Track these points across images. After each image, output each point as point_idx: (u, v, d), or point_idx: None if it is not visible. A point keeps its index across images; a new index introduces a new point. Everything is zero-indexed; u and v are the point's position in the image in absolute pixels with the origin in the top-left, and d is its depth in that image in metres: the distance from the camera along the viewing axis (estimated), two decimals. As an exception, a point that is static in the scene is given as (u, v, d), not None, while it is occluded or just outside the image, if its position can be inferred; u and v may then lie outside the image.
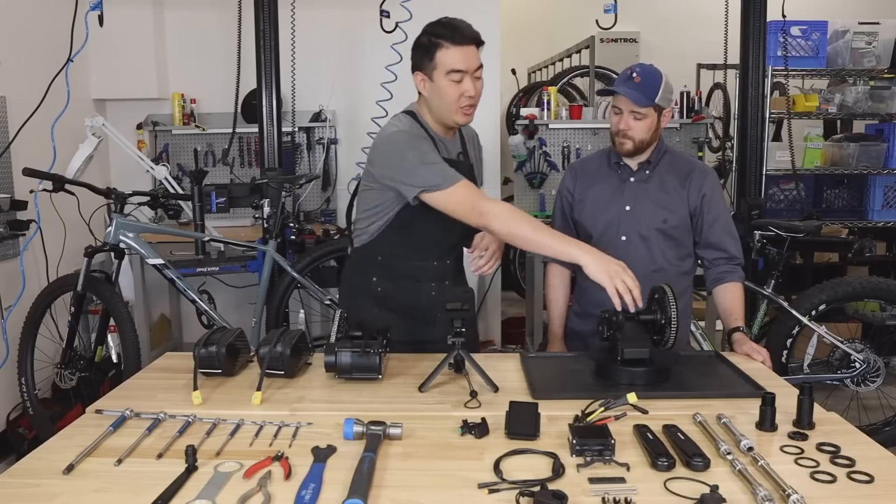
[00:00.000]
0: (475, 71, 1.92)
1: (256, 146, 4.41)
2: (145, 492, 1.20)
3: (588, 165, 2.36)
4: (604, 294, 1.72)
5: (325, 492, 1.21)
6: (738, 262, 2.23)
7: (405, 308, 2.04)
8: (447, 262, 2.10)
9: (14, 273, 3.53)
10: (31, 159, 3.33)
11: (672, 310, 1.74)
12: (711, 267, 2.23)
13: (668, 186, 2.22)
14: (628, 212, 2.22)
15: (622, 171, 2.25)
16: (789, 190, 4.40)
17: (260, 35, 3.49)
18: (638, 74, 2.11)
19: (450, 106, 1.92)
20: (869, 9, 5.36)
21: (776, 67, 4.10)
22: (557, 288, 2.39)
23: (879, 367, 3.12)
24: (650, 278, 2.07)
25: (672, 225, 2.20)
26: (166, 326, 4.50)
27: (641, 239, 2.21)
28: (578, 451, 1.31)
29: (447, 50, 1.88)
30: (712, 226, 2.22)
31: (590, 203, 2.28)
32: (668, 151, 2.27)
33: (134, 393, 1.71)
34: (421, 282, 2.08)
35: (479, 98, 1.97)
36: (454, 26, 1.91)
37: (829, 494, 1.21)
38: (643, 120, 2.13)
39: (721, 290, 2.20)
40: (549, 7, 7.13)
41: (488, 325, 4.79)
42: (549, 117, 4.71)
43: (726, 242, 2.22)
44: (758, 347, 2.00)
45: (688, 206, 2.21)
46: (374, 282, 2.11)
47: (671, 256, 2.23)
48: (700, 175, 2.24)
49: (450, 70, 1.89)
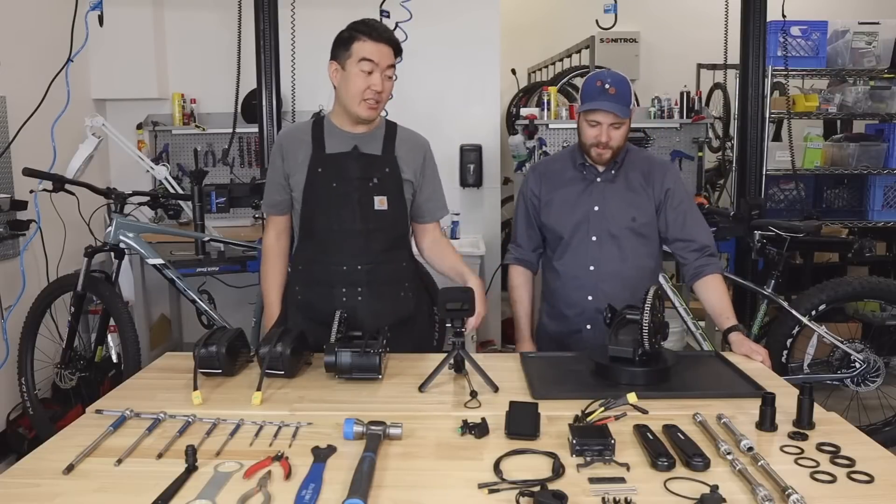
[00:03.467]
0: (386, 69, 1.97)
1: (256, 146, 4.41)
2: (145, 492, 1.20)
3: (553, 167, 2.35)
4: (576, 294, 1.75)
5: (325, 492, 1.21)
6: (710, 251, 2.21)
7: (323, 315, 1.95)
8: (358, 268, 2.03)
9: (14, 273, 3.53)
10: (31, 159, 3.32)
11: (650, 313, 1.71)
12: (686, 262, 2.22)
13: (634, 184, 2.22)
14: (597, 212, 2.22)
15: (588, 171, 2.25)
16: (789, 190, 4.40)
17: (260, 35, 3.49)
18: (611, 85, 2.10)
19: (355, 96, 1.96)
20: (869, 9, 5.35)
21: (776, 67, 4.10)
22: (522, 288, 2.40)
23: (879, 367, 3.11)
24: (622, 277, 2.14)
25: (642, 223, 2.21)
26: (166, 326, 4.49)
27: (612, 238, 2.21)
28: (578, 451, 1.31)
29: (363, 42, 1.95)
30: (678, 218, 2.22)
31: (556, 205, 2.27)
32: (629, 150, 2.27)
33: (134, 393, 1.71)
34: (334, 287, 2.05)
35: (386, 98, 2.02)
36: (373, 25, 1.99)
37: (829, 494, 1.21)
38: (621, 128, 2.15)
39: (703, 287, 2.18)
40: (549, 7, 7.13)
41: (488, 325, 4.79)
42: (549, 117, 4.70)
43: (695, 233, 2.21)
44: (756, 347, 1.99)
45: (654, 202, 2.21)
46: (296, 290, 2.15)
47: (641, 254, 2.23)
48: (661, 170, 2.24)
49: (362, 58, 1.94)
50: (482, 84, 4.58)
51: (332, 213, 2.02)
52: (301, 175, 2.04)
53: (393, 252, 2.09)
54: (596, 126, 2.14)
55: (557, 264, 2.28)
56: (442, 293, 1.78)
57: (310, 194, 2.04)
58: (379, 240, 2.05)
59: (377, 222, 2.03)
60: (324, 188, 2.02)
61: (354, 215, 2.02)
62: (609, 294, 2.12)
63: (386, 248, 2.07)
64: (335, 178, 2.02)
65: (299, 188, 2.05)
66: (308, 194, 2.04)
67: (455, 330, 1.74)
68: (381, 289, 2.07)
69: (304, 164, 2.04)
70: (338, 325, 1.87)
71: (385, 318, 2.01)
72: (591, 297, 2.21)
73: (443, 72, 4.48)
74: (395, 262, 2.10)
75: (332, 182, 2.02)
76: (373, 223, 2.03)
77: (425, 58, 4.00)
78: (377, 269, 2.05)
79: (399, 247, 2.12)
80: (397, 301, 2.10)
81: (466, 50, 4.51)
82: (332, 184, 2.02)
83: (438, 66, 4.45)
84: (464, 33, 4.49)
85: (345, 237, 2.03)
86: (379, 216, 2.03)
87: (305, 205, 2.05)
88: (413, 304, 2.14)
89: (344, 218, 2.02)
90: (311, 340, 1.91)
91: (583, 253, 2.23)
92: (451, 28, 4.45)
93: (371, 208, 2.02)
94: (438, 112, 4.44)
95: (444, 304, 1.74)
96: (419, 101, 4.16)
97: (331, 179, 2.02)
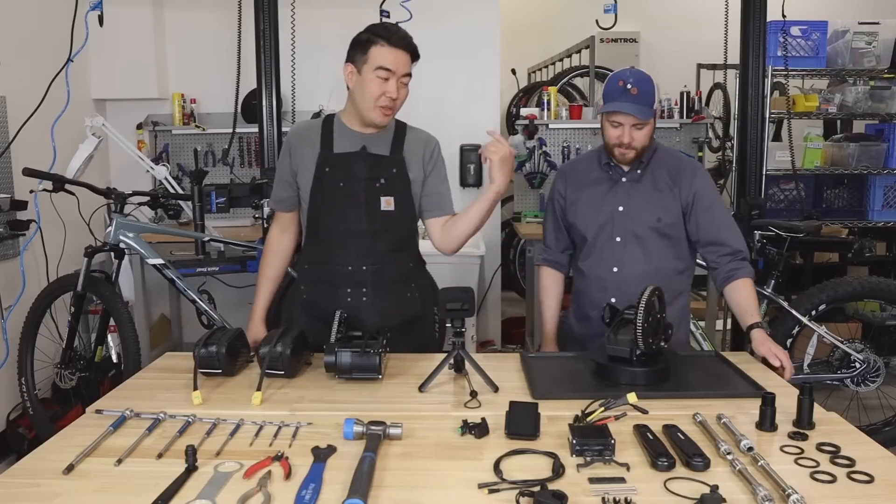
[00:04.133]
0: (403, 76, 1.96)
1: (256, 146, 4.41)
2: (145, 492, 1.20)
3: (578, 167, 2.32)
4: (599, 295, 1.72)
5: (325, 492, 1.21)
6: (742, 255, 2.14)
7: (328, 315, 1.95)
8: (363, 269, 2.03)
9: (14, 273, 3.53)
10: (31, 159, 3.32)
11: (644, 312, 1.70)
12: (717, 266, 2.15)
13: (661, 184, 2.18)
14: (622, 212, 2.18)
15: (613, 171, 2.22)
16: (789, 190, 4.40)
17: (260, 35, 3.49)
18: (633, 86, 2.05)
19: (370, 102, 1.95)
20: (869, 9, 5.35)
21: (776, 67, 4.10)
22: (550, 289, 2.37)
23: (879, 367, 3.11)
24: (646, 278, 2.04)
25: (667, 223, 2.16)
26: (166, 326, 4.49)
27: (636, 239, 2.17)
28: (578, 451, 1.31)
29: (381, 48, 1.93)
30: (708, 222, 2.15)
31: (582, 205, 2.24)
32: (657, 149, 2.23)
33: (134, 393, 1.71)
34: (338, 287, 2.05)
35: (401, 104, 2.01)
36: (394, 31, 1.97)
37: (829, 494, 1.21)
38: (644, 128, 2.10)
39: (732, 289, 2.11)
40: (549, 7, 7.13)
41: (488, 325, 4.79)
42: (549, 117, 4.71)
43: (726, 237, 2.14)
44: (777, 349, 1.90)
45: (680, 204, 2.17)
46: (301, 289, 2.15)
47: (667, 256, 2.19)
48: (690, 171, 2.19)
49: (378, 66, 1.92)
50: (482, 84, 4.58)
51: (339, 213, 2.02)
52: (308, 173, 2.04)
53: (398, 253, 2.09)
54: (618, 127, 2.10)
55: (582, 265, 2.25)
56: (442, 293, 1.78)
57: (316, 193, 2.04)
58: (385, 240, 2.04)
59: (383, 223, 2.03)
60: (331, 187, 2.02)
61: (360, 215, 2.01)
62: (632, 296, 2.02)
63: (391, 249, 2.06)
64: (342, 177, 2.02)
65: (306, 187, 2.05)
66: (315, 193, 2.04)
67: (455, 330, 1.74)
68: (387, 289, 2.07)
69: (312, 163, 2.04)
70: (338, 325, 1.87)
71: (391, 318, 2.01)
72: (615, 298, 2.12)
73: (443, 72, 4.47)
74: (400, 262, 2.10)
75: (339, 182, 2.02)
76: (379, 224, 2.02)
77: (425, 58, 3.91)
78: (382, 269, 2.05)
79: (405, 248, 2.11)
80: (403, 301, 2.09)
81: (466, 50, 4.51)
82: (339, 183, 2.02)
83: (438, 66, 4.44)
84: (464, 33, 4.49)
85: (350, 237, 2.03)
86: (385, 217, 2.03)
87: (312, 203, 2.05)
88: (419, 304, 2.14)
89: (350, 218, 2.01)
90: (314, 340, 1.91)
91: (607, 254, 2.19)
92: (451, 28, 4.45)
93: (377, 209, 2.02)
94: (438, 112, 4.43)
95: (444, 304, 1.74)
96: (419, 101, 4.10)
97: (338, 179, 2.02)
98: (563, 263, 2.37)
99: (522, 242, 5.53)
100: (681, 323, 2.23)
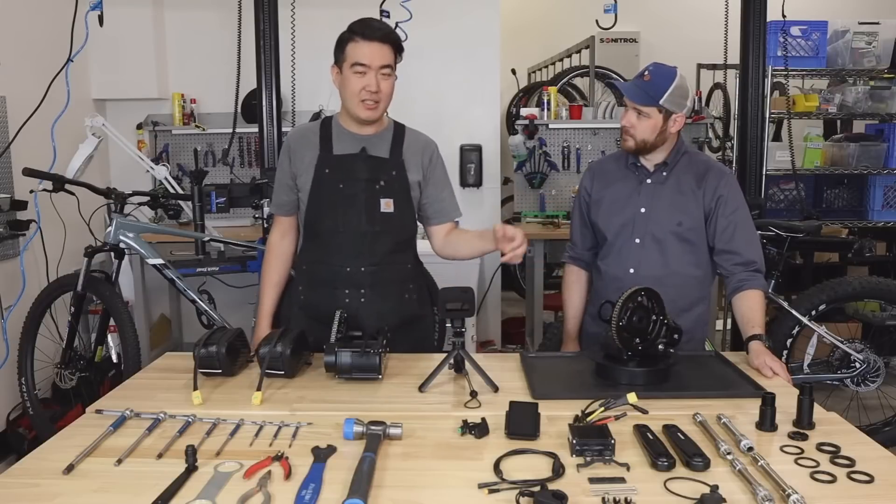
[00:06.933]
0: (382, 68, 1.95)
1: (256, 146, 4.41)
2: (145, 492, 1.20)
3: (606, 165, 2.31)
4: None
5: (325, 492, 1.21)
6: (755, 267, 2.09)
7: (326, 315, 1.94)
8: (362, 270, 2.03)
9: (14, 273, 3.53)
10: (31, 159, 3.32)
11: (621, 311, 1.70)
12: (730, 275, 2.11)
13: (685, 188, 2.14)
14: (643, 214, 2.16)
15: (639, 172, 2.19)
16: (789, 190, 4.40)
17: (260, 35, 3.49)
18: (649, 73, 2.08)
19: (352, 98, 1.97)
20: (869, 9, 5.35)
21: (776, 67, 4.10)
22: (573, 287, 2.36)
23: (879, 367, 3.11)
24: (662, 282, 2.01)
25: (687, 227, 2.13)
26: (166, 326, 4.49)
27: (655, 241, 2.14)
28: (578, 451, 1.31)
29: (356, 44, 1.95)
30: (727, 229, 2.11)
31: (606, 204, 2.23)
32: (687, 153, 2.20)
33: (134, 393, 1.71)
34: (337, 288, 2.05)
35: (387, 97, 2.00)
36: (367, 24, 1.97)
37: (829, 494, 1.21)
38: (646, 120, 2.08)
39: (739, 300, 2.07)
40: (549, 7, 7.13)
41: (488, 325, 4.79)
42: (549, 117, 4.71)
43: (742, 247, 2.10)
44: (773, 361, 1.84)
45: (703, 208, 2.13)
46: (300, 290, 2.15)
47: (686, 261, 2.15)
48: (716, 176, 2.15)
49: (354, 62, 1.94)
50: (482, 84, 4.58)
51: (338, 214, 2.02)
52: (308, 176, 2.04)
53: (397, 254, 2.08)
54: (628, 111, 2.12)
55: (601, 264, 2.24)
56: (442, 293, 1.78)
57: (316, 195, 2.04)
58: (384, 242, 2.04)
59: (382, 224, 2.03)
60: (330, 189, 2.02)
61: (360, 217, 2.01)
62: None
63: (390, 251, 2.06)
64: (342, 179, 2.02)
65: (306, 189, 2.05)
66: (314, 195, 2.04)
67: (455, 330, 1.74)
68: (385, 290, 2.06)
69: (312, 165, 2.04)
70: (338, 325, 1.87)
71: (389, 319, 2.01)
72: None
73: (443, 72, 4.48)
74: (399, 264, 2.10)
75: (338, 183, 2.02)
76: (378, 225, 2.02)
77: (425, 58, 4.00)
78: (381, 271, 2.05)
79: (404, 249, 2.11)
80: (401, 302, 2.09)
81: (466, 50, 4.51)
82: (339, 185, 2.02)
83: (438, 66, 4.45)
84: (464, 33, 4.49)
85: (349, 238, 2.03)
86: (384, 218, 2.03)
87: (311, 205, 2.05)
88: (417, 305, 2.14)
89: (349, 219, 2.02)
90: (312, 340, 1.91)
91: (625, 255, 2.17)
92: (451, 28, 4.45)
93: (377, 210, 2.02)
94: (438, 112, 4.44)
95: (444, 304, 1.74)
96: (419, 101, 4.15)
97: (338, 180, 2.02)
98: (588, 261, 2.35)
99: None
100: (696, 331, 2.17)
